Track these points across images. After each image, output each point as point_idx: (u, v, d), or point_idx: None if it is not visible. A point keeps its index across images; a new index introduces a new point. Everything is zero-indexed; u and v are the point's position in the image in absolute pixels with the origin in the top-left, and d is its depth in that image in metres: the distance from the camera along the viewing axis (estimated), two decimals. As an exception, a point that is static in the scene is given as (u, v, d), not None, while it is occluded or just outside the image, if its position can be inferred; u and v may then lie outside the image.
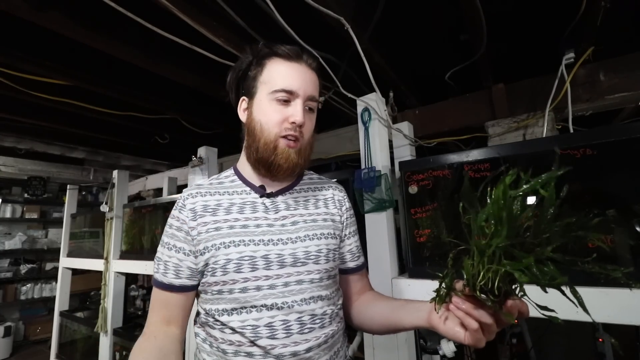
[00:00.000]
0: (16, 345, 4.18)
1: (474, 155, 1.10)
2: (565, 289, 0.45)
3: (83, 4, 1.31)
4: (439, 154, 1.19)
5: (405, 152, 1.51)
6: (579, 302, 0.46)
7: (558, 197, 0.46)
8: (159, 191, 3.28)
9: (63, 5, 1.28)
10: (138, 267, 2.17)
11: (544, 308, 0.47)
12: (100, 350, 2.33)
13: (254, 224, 0.72)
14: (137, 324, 2.40)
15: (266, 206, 0.75)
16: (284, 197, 0.78)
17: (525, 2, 1.41)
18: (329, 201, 0.82)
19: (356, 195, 1.29)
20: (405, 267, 1.24)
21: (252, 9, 1.22)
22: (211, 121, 2.61)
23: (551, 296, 0.45)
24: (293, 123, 0.70)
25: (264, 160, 0.72)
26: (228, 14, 1.24)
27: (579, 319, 0.44)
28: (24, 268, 4.48)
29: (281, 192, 0.78)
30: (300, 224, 0.74)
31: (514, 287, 0.49)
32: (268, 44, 0.75)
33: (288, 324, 0.66)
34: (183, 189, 0.89)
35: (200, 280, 0.72)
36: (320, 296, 0.71)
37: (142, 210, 2.31)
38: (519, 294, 0.49)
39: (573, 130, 1.44)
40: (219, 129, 2.75)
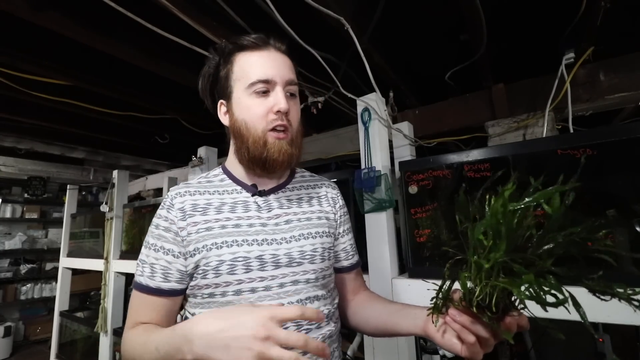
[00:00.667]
0: (16, 345, 4.18)
1: (473, 155, 1.10)
2: (568, 305, 0.43)
3: (83, 3, 1.31)
4: (439, 154, 1.19)
5: (405, 152, 1.51)
6: (582, 317, 0.43)
7: (562, 204, 0.43)
8: (159, 191, 3.28)
9: (63, 5, 1.28)
10: (138, 267, 2.16)
11: (545, 321, 0.46)
12: (100, 350, 2.33)
13: (247, 224, 0.69)
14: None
15: (258, 205, 0.72)
16: (277, 196, 0.76)
17: (525, 2, 1.41)
18: (322, 199, 0.81)
19: (356, 195, 1.29)
20: (405, 267, 1.24)
21: (252, 9, 1.21)
22: (211, 121, 2.61)
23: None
24: (278, 112, 0.67)
25: (257, 159, 0.69)
26: (228, 14, 1.24)
27: (579, 319, 0.44)
28: (24, 268, 4.48)
29: (273, 191, 0.76)
30: (295, 223, 0.72)
31: (513, 299, 0.47)
32: (231, 40, 0.72)
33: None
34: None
35: (189, 283, 0.68)
36: (317, 296, 0.70)
37: (142, 210, 2.30)
38: (519, 306, 0.48)
39: (573, 130, 1.44)
40: (219, 129, 2.73)
